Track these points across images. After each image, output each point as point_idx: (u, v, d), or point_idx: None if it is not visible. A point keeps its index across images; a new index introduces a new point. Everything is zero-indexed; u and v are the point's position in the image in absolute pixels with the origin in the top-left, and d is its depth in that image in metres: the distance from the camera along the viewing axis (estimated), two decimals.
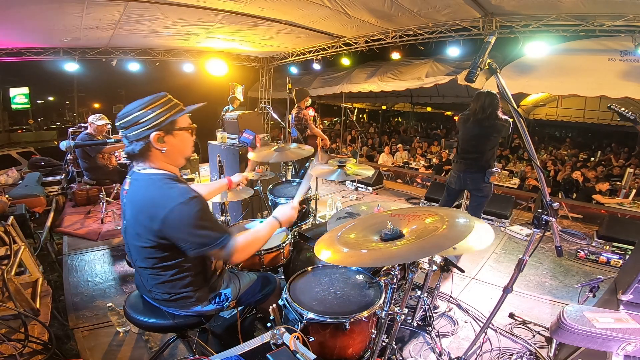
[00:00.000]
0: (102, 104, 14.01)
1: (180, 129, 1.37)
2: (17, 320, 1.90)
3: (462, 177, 3.16)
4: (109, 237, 3.68)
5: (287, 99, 4.99)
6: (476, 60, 1.42)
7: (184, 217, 1.24)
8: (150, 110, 1.30)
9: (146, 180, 1.32)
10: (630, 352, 1.37)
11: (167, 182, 1.31)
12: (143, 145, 1.31)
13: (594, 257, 3.46)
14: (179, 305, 1.48)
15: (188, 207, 1.25)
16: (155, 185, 1.30)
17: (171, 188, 1.28)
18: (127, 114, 1.30)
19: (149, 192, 1.30)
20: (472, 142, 3.08)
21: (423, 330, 2.28)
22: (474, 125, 3.04)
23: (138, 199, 1.32)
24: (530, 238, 1.60)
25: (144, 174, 1.34)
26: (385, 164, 8.80)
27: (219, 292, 1.57)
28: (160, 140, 1.32)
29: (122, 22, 5.46)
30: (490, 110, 2.94)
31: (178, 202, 1.24)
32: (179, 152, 1.41)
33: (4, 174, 4.97)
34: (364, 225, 1.55)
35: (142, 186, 1.33)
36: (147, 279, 1.45)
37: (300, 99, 4.68)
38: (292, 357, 1.10)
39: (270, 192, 2.89)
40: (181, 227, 1.25)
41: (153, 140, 1.30)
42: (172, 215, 1.24)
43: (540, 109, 12.01)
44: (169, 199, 1.25)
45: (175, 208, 1.23)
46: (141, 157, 1.34)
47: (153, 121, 1.29)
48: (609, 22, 4.40)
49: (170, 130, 1.33)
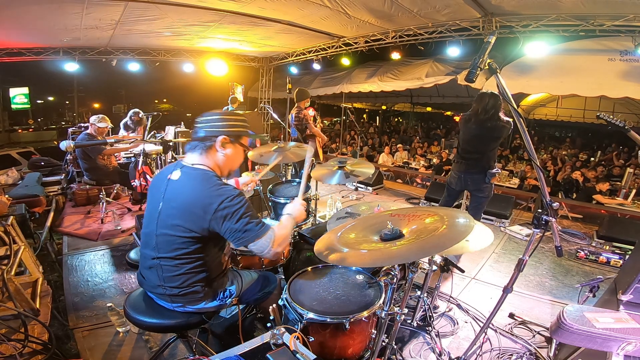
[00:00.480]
0: (102, 104, 14.03)
1: (241, 144, 1.58)
2: (17, 320, 1.90)
3: (462, 177, 3.15)
4: (109, 237, 3.68)
5: (287, 99, 5.00)
6: (476, 60, 1.42)
7: (235, 209, 1.38)
8: (228, 119, 1.53)
9: (201, 175, 1.45)
10: (630, 352, 1.37)
11: (218, 180, 1.46)
12: (209, 142, 1.49)
13: (594, 257, 3.46)
14: (186, 300, 1.50)
15: (238, 201, 1.39)
16: (210, 181, 1.43)
17: (223, 185, 1.44)
18: (210, 114, 1.53)
19: (204, 185, 1.41)
20: (473, 142, 3.08)
21: (423, 330, 2.28)
22: (475, 125, 3.03)
23: (191, 191, 1.42)
24: (530, 238, 1.60)
25: (197, 169, 1.47)
26: (385, 164, 8.80)
27: (225, 289, 1.61)
28: (224, 145, 1.50)
29: (122, 22, 5.46)
30: (493, 111, 2.93)
31: (230, 196, 1.39)
32: (231, 162, 1.57)
33: (4, 174, 4.96)
34: (364, 225, 1.55)
35: (196, 179, 1.44)
36: (162, 271, 1.47)
37: (300, 99, 4.68)
38: (292, 357, 1.10)
39: (270, 192, 2.89)
40: (233, 218, 1.38)
41: (219, 142, 1.48)
42: (225, 207, 1.37)
43: (540, 109, 12.02)
44: (223, 192, 1.39)
45: (227, 201, 1.38)
46: (201, 150, 1.50)
47: (227, 127, 1.51)
48: (609, 22, 4.41)
49: (235, 141, 1.54)
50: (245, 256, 2.11)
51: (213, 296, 1.56)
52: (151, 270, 1.51)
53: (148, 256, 1.51)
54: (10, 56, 6.67)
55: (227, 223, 1.38)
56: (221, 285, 1.60)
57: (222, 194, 1.39)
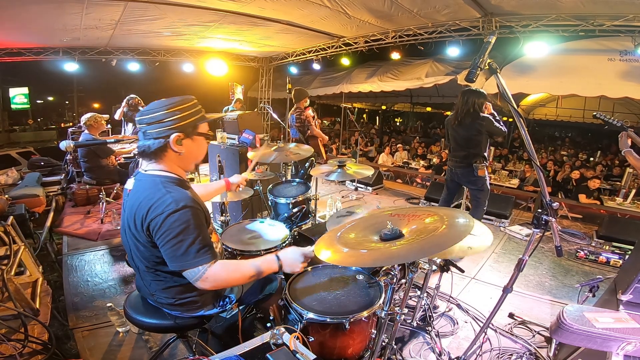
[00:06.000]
0: (102, 104, 14.01)
1: (200, 134, 1.38)
2: (17, 320, 1.89)
3: (453, 171, 3.44)
4: (108, 237, 3.68)
5: (287, 99, 5.00)
6: (476, 60, 1.42)
7: (166, 226, 1.21)
8: (177, 112, 1.30)
9: (149, 181, 1.31)
10: (630, 352, 1.37)
11: (168, 185, 1.29)
12: (161, 144, 1.30)
13: (594, 257, 3.46)
14: (184, 309, 1.47)
15: (174, 217, 1.21)
16: (155, 188, 1.27)
17: (169, 192, 1.25)
18: (151, 111, 1.30)
19: (147, 193, 1.27)
20: (457, 141, 3.29)
21: (423, 330, 2.28)
22: (457, 124, 3.23)
23: (136, 200, 1.30)
24: (530, 238, 1.60)
25: (148, 175, 1.33)
26: (385, 164, 8.80)
27: (224, 296, 1.56)
28: (179, 142, 1.32)
29: (122, 22, 5.46)
30: (472, 108, 3.11)
31: (168, 210, 1.21)
32: (193, 157, 1.42)
33: (4, 174, 4.96)
34: (363, 225, 1.55)
35: (143, 187, 1.31)
36: (149, 283, 1.42)
37: (299, 99, 4.67)
38: (292, 357, 1.10)
39: (270, 192, 2.89)
40: (161, 236, 1.22)
41: (172, 141, 1.30)
42: (157, 220, 1.22)
43: (540, 109, 12.01)
44: (161, 204, 1.23)
45: (162, 214, 1.21)
46: (154, 155, 1.33)
47: (177, 122, 1.30)
48: (609, 22, 4.41)
49: (191, 133, 1.34)
50: (245, 256, 2.11)
51: (212, 304, 1.52)
52: (141, 280, 1.47)
53: (134, 267, 1.46)
54: (10, 56, 6.67)
55: (158, 240, 1.24)
56: (219, 293, 1.55)
57: (160, 205, 1.22)
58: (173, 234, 1.21)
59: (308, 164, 3.19)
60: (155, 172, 1.33)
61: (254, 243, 2.13)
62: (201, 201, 1.40)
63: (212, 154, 3.52)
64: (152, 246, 1.30)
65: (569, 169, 7.57)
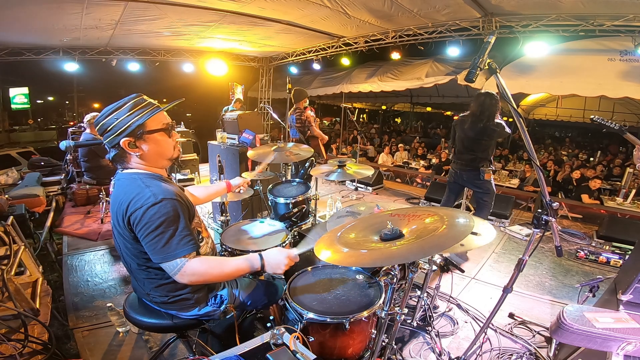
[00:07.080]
0: (102, 104, 13.96)
1: (150, 132, 1.30)
2: (17, 320, 1.89)
3: (458, 173, 3.39)
4: (108, 237, 3.67)
5: (287, 99, 5.00)
6: (476, 60, 1.42)
7: (146, 219, 1.20)
8: (117, 114, 1.26)
9: (128, 179, 1.31)
10: (630, 352, 1.37)
11: (147, 180, 1.28)
12: (118, 151, 1.30)
13: (594, 257, 3.46)
14: (178, 307, 1.47)
15: (153, 210, 1.20)
16: (134, 184, 1.27)
17: (147, 187, 1.24)
18: (99, 120, 1.28)
19: (126, 189, 1.27)
20: (466, 143, 3.23)
21: (423, 330, 2.28)
22: (470, 127, 3.16)
23: (117, 197, 1.30)
24: (530, 238, 1.60)
25: (127, 174, 1.33)
26: (385, 163, 8.80)
27: (216, 294, 1.55)
28: (132, 146, 1.28)
29: (122, 22, 5.46)
30: (488, 112, 3.03)
31: (147, 203, 1.21)
32: (157, 155, 1.35)
33: (4, 174, 4.96)
34: (363, 225, 1.55)
35: (122, 185, 1.31)
36: (143, 282, 1.42)
37: (298, 99, 4.67)
38: (292, 357, 1.10)
39: (270, 192, 2.89)
40: (141, 229, 1.22)
41: (124, 146, 1.27)
42: (136, 214, 1.21)
43: (540, 109, 12.01)
44: (140, 198, 1.22)
45: (141, 208, 1.20)
46: (120, 162, 1.33)
47: (120, 127, 1.25)
48: (609, 22, 4.41)
49: (140, 135, 1.28)
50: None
51: (205, 301, 1.51)
52: (135, 280, 1.48)
53: (127, 267, 1.47)
54: (10, 56, 6.67)
55: (139, 233, 1.23)
56: (212, 289, 1.54)
57: (139, 199, 1.22)
58: (153, 226, 1.21)
59: (308, 164, 3.19)
60: (132, 171, 1.34)
61: (254, 243, 2.13)
62: (184, 195, 1.39)
63: (212, 154, 3.52)
64: (135, 241, 1.29)
65: (569, 169, 7.57)
